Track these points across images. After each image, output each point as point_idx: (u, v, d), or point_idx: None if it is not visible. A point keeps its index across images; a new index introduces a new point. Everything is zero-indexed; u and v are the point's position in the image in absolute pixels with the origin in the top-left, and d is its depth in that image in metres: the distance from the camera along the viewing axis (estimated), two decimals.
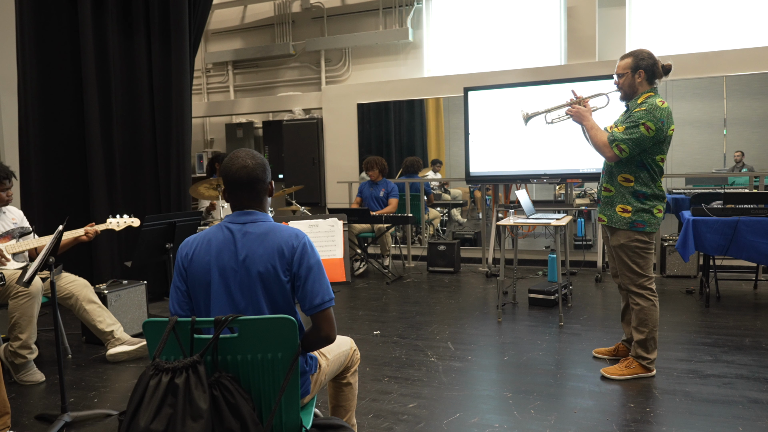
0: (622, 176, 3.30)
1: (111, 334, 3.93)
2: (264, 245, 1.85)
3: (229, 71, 8.47)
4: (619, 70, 3.32)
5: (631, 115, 3.21)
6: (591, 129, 3.34)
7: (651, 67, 3.25)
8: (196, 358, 1.56)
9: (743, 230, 4.51)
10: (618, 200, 3.32)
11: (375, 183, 6.76)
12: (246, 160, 1.93)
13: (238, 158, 1.93)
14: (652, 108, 3.14)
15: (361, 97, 7.50)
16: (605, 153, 3.26)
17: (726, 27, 6.40)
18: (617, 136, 3.19)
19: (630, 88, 3.30)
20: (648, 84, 3.28)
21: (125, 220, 3.96)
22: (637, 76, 3.26)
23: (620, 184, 3.31)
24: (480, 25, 7.31)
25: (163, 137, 5.52)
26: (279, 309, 1.86)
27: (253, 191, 1.94)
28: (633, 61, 3.27)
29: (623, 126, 3.20)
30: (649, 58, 3.26)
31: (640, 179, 3.26)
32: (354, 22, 7.77)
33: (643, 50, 3.29)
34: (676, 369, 3.46)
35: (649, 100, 3.20)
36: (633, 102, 3.29)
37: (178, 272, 1.92)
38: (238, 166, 1.91)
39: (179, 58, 5.43)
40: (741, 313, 4.57)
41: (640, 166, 3.24)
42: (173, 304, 1.91)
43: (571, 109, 3.45)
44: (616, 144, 3.19)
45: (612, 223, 3.34)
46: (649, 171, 3.24)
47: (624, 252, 3.33)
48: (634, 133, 3.14)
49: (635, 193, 3.27)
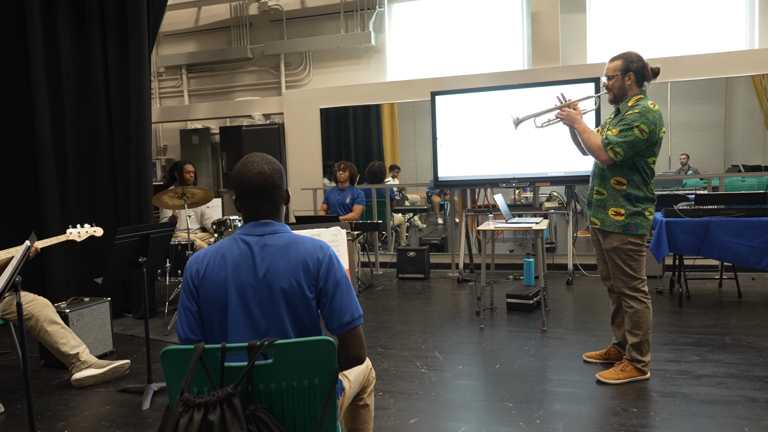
0: (614, 179, 3.27)
1: (76, 356, 3.63)
2: (286, 259, 1.68)
3: (183, 75, 8.13)
4: (609, 72, 3.28)
5: (624, 118, 3.17)
6: (584, 132, 3.30)
7: (641, 69, 3.24)
8: (230, 390, 1.38)
9: (715, 230, 4.61)
10: (611, 203, 3.29)
11: (341, 189, 6.59)
12: (262, 165, 1.75)
13: (253, 163, 1.75)
14: (645, 110, 3.13)
15: (324, 101, 7.33)
16: (600, 156, 3.22)
17: (670, 34, 6.60)
18: (612, 139, 3.15)
19: (620, 90, 3.27)
20: (637, 86, 3.26)
21: (87, 229, 3.67)
22: (627, 78, 3.24)
23: (613, 188, 3.28)
24: (443, 30, 7.28)
25: (122, 143, 5.19)
26: (304, 329, 1.69)
27: (271, 199, 1.77)
28: (623, 64, 3.24)
29: (617, 129, 3.17)
30: (639, 61, 3.24)
31: (633, 182, 3.23)
32: (314, 25, 7.60)
33: (632, 53, 3.28)
34: (668, 370, 3.47)
35: (641, 103, 3.18)
36: (624, 104, 3.27)
37: (188, 292, 1.72)
38: (254, 173, 1.74)
39: (138, 59, 5.11)
40: (714, 312, 4.67)
41: (633, 169, 3.22)
42: (183, 328, 1.70)
43: (561, 112, 3.40)
44: (611, 147, 3.15)
45: (605, 226, 3.31)
46: (642, 174, 3.22)
47: (617, 255, 3.30)
48: (629, 135, 3.12)
49: (628, 196, 3.24)
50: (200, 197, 5.07)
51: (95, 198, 5.21)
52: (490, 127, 6.17)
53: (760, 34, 6.28)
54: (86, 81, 5.17)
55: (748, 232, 4.54)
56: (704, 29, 6.54)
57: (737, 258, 4.61)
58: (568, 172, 5.96)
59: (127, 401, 3.40)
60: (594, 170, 3.43)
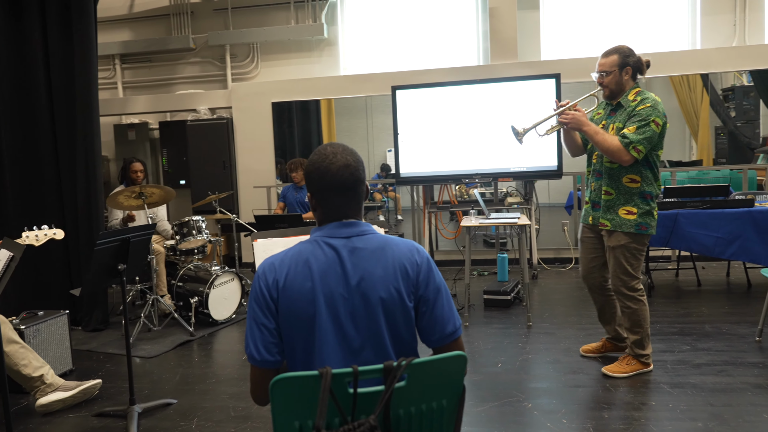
0: (627, 177, 3.17)
1: (40, 379, 3.19)
2: (382, 263, 1.48)
3: (117, 66, 7.51)
4: (606, 68, 3.21)
5: (636, 113, 3.10)
6: (596, 134, 3.15)
7: (636, 63, 3.20)
8: (372, 423, 1.16)
9: (682, 222, 4.76)
10: (621, 202, 3.20)
11: (300, 187, 6.31)
12: (346, 157, 1.54)
13: (335, 155, 1.53)
14: (655, 103, 3.09)
15: (275, 95, 6.99)
16: (622, 157, 3.08)
17: (619, 33, 6.81)
18: (632, 137, 3.05)
19: (617, 85, 3.21)
20: (633, 80, 3.23)
21: (45, 232, 3.23)
22: (625, 73, 3.19)
23: (625, 186, 3.18)
24: (397, 24, 7.15)
25: (67, 139, 4.67)
26: (403, 343, 1.49)
27: (356, 196, 1.56)
28: (620, 59, 3.19)
29: (633, 126, 3.07)
30: (633, 54, 3.21)
31: (647, 179, 3.17)
32: (262, 15, 7.24)
33: (624, 47, 3.23)
34: (666, 361, 3.51)
35: (647, 96, 3.14)
36: (624, 99, 3.21)
37: (263, 306, 1.47)
38: (339, 165, 1.51)
39: (84, 45, 4.61)
40: (683, 301, 4.83)
41: (645, 164, 3.16)
42: (257, 349, 1.45)
43: (565, 116, 3.23)
44: (633, 146, 3.05)
45: (615, 227, 3.21)
46: (653, 169, 3.18)
47: (622, 254, 3.23)
48: (647, 131, 3.05)
49: (642, 194, 3.17)
50: (160, 197, 4.66)
51: (36, 200, 4.66)
52: (452, 122, 6.11)
53: (702, 34, 6.60)
54: (23, 69, 4.60)
55: (713, 223, 4.73)
56: (650, 29, 6.79)
57: (703, 248, 4.79)
58: (531, 167, 6.00)
59: (106, 427, 3.03)
60: (598, 168, 3.32)
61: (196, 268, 4.84)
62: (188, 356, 4.09)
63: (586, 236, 3.47)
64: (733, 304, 4.67)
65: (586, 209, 3.45)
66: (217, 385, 3.52)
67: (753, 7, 6.45)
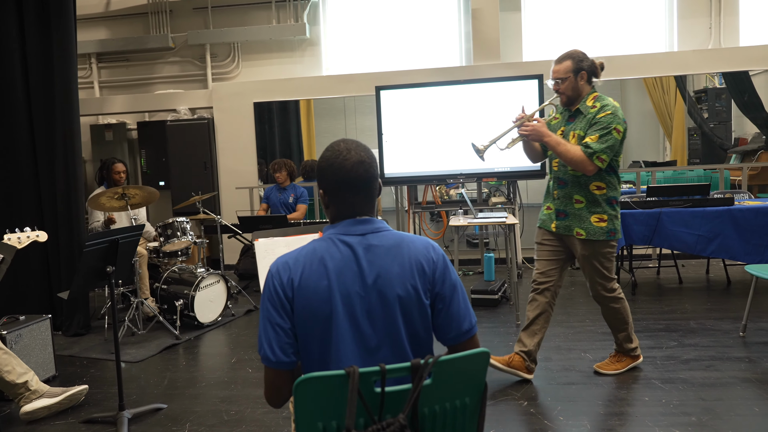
0: (594, 185, 3.10)
1: (24, 386, 3.09)
2: (399, 261, 1.46)
3: (93, 65, 7.35)
4: (560, 75, 3.10)
5: (598, 121, 3.00)
6: (558, 145, 3.04)
7: (591, 67, 3.11)
8: (402, 422, 1.14)
9: (665, 221, 4.85)
10: (592, 210, 3.11)
11: (283, 188, 6.26)
12: (359, 153, 1.52)
13: (349, 151, 1.51)
14: (615, 109, 3.01)
15: (257, 95, 6.92)
16: (586, 167, 3.00)
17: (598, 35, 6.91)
18: (595, 147, 2.96)
19: (574, 91, 3.10)
20: (589, 85, 3.12)
21: (28, 234, 3.13)
22: (580, 78, 3.08)
23: (593, 194, 3.10)
24: (380, 24, 7.14)
25: (46, 139, 4.54)
26: (420, 342, 1.47)
27: (370, 193, 1.54)
28: (573, 64, 3.08)
29: (596, 134, 2.98)
30: (587, 58, 3.11)
31: (611, 185, 3.12)
32: (243, 14, 7.16)
33: (577, 51, 3.13)
34: (656, 357, 3.56)
35: (605, 101, 3.06)
36: (583, 105, 3.10)
37: (277, 305, 1.43)
38: (353, 162, 1.49)
39: (63, 42, 4.50)
40: (666, 298, 4.91)
41: (609, 170, 3.09)
42: (273, 349, 1.42)
43: (524, 128, 3.12)
44: (596, 156, 2.96)
45: (590, 235, 3.12)
46: (616, 174, 3.12)
47: (597, 260, 3.16)
48: (609, 140, 2.97)
49: (609, 200, 3.11)
50: (142, 198, 4.57)
51: (14, 201, 4.53)
52: (435, 122, 6.12)
53: (679, 37, 6.73)
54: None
55: (694, 221, 4.82)
56: (628, 31, 6.91)
57: (685, 246, 4.88)
58: (514, 167, 6.03)
59: None
60: (562, 176, 3.19)
61: (180, 270, 4.76)
62: (175, 360, 4.01)
63: (546, 240, 3.32)
64: (715, 301, 4.77)
65: (548, 215, 3.31)
66: (207, 389, 3.46)
67: (728, 11, 6.60)
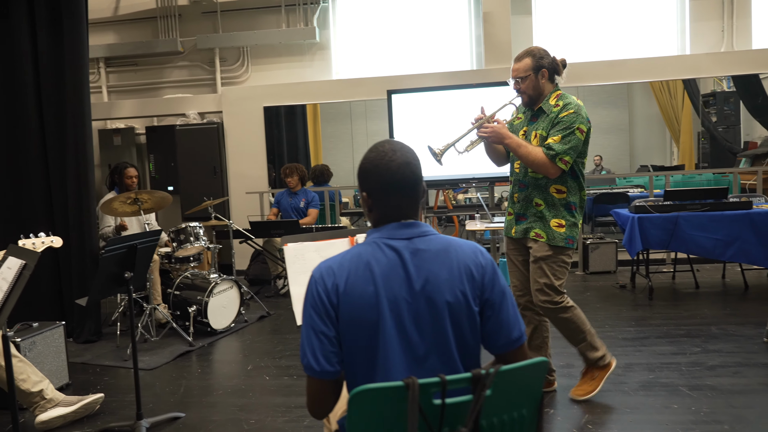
0: (554, 187, 2.92)
1: (40, 394, 3.04)
2: (447, 266, 1.41)
3: (101, 69, 7.32)
4: (520, 74, 2.92)
5: (560, 121, 2.84)
6: (519, 147, 2.88)
7: (551, 64, 2.93)
8: None
9: (683, 225, 4.79)
10: (552, 214, 2.93)
11: (294, 192, 6.21)
12: (405, 154, 1.47)
13: (394, 152, 1.46)
14: (578, 108, 2.85)
15: (267, 99, 6.88)
16: (548, 170, 2.84)
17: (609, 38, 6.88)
18: (557, 148, 2.79)
19: (535, 90, 2.92)
20: (551, 83, 2.95)
21: (43, 240, 3.09)
22: (541, 76, 2.90)
23: (552, 197, 2.92)
24: (391, 28, 7.11)
25: (57, 143, 4.49)
26: (468, 350, 1.42)
27: (417, 195, 1.49)
28: (533, 62, 2.90)
29: (558, 135, 2.81)
30: (547, 55, 2.94)
31: (572, 189, 2.94)
32: (252, 18, 7.13)
33: (536, 48, 2.96)
34: (680, 363, 3.50)
35: (569, 100, 2.89)
36: (546, 104, 2.92)
37: (321, 312, 1.38)
38: (399, 163, 1.44)
39: (75, 46, 4.46)
40: (683, 303, 4.85)
41: (571, 174, 2.92)
42: (317, 358, 1.36)
43: (483, 130, 2.94)
44: (559, 158, 2.80)
45: (549, 240, 2.94)
46: (578, 178, 2.95)
47: (549, 266, 2.95)
48: (572, 140, 2.80)
49: (567, 206, 2.93)
50: (155, 202, 4.52)
51: (24, 207, 4.47)
52: (447, 126, 6.06)
53: (691, 40, 6.68)
54: (10, 69, 4.43)
55: (712, 225, 4.76)
56: (640, 34, 6.87)
57: (703, 251, 4.82)
58: None
59: None
60: (521, 179, 3.03)
61: (193, 276, 4.70)
62: (189, 367, 3.95)
63: (512, 251, 3.19)
64: (734, 306, 4.70)
65: (510, 221, 3.14)
66: (225, 397, 3.40)
67: (741, 14, 6.55)
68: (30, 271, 1.97)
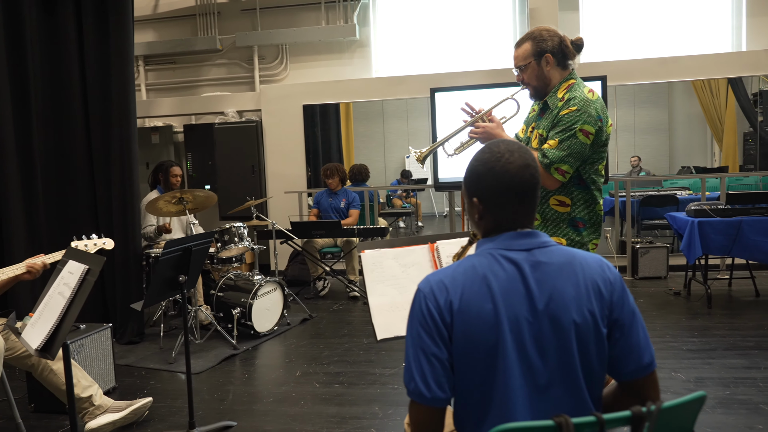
0: (555, 199, 2.38)
1: (89, 400, 2.95)
2: (573, 281, 1.26)
3: (140, 67, 7.28)
4: (519, 62, 2.41)
5: (560, 120, 2.30)
6: None
7: (558, 46, 2.36)
8: None
9: (746, 230, 4.55)
10: (550, 232, 2.39)
11: (334, 192, 6.09)
12: (524, 156, 1.32)
13: (512, 154, 1.31)
14: (584, 104, 2.27)
15: (306, 98, 6.77)
16: (544, 182, 2.32)
17: (659, 35, 6.62)
18: (552, 155, 2.28)
19: (539, 80, 2.40)
20: (561, 69, 2.39)
21: (95, 241, 3.02)
22: (545, 62, 2.36)
23: (553, 210, 2.38)
24: (432, 25, 6.94)
25: (102, 141, 4.44)
26: (594, 378, 1.26)
27: (534, 201, 1.34)
28: (533, 46, 2.37)
29: (555, 138, 2.29)
30: (553, 37, 2.37)
31: (578, 202, 2.37)
32: (291, 16, 7.03)
33: (540, 29, 2.41)
34: (755, 378, 3.29)
35: (575, 93, 2.31)
36: (553, 97, 2.39)
37: (433, 332, 1.23)
38: (519, 165, 1.30)
39: (121, 42, 4.40)
40: (745, 313, 4.60)
41: (578, 183, 2.36)
42: (427, 384, 1.22)
43: (475, 130, 2.52)
44: (555, 167, 2.28)
45: None
46: (590, 188, 2.37)
47: None
48: (572, 145, 2.26)
49: (572, 222, 2.37)
50: (201, 201, 4.43)
51: (70, 207, 4.43)
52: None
53: (747, 36, 6.40)
54: (57, 65, 4.39)
55: None
56: (693, 29, 6.60)
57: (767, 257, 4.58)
58: None
59: None
60: None
61: (236, 277, 4.61)
62: (235, 372, 3.85)
63: None
64: None
65: None
66: (276, 405, 3.28)
67: None
68: (95, 277, 1.87)
